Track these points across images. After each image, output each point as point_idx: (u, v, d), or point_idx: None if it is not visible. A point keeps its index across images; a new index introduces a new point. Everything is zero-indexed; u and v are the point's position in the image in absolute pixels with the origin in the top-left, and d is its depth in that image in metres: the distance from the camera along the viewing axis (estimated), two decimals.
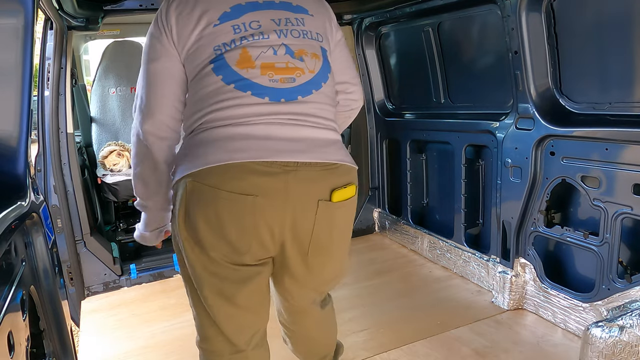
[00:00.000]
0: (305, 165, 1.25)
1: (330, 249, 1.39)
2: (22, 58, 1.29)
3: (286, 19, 1.35)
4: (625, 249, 2.13)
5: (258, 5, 1.34)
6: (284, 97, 1.28)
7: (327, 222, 1.32)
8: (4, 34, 1.29)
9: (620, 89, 2.08)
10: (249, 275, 1.34)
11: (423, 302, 2.73)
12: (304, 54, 1.34)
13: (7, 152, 1.32)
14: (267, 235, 1.27)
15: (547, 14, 2.23)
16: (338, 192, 1.30)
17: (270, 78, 1.28)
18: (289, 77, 1.30)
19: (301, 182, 1.24)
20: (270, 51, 1.30)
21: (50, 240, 1.52)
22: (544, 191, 2.40)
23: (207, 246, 1.27)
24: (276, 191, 1.23)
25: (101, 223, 3.42)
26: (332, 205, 1.31)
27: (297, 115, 1.29)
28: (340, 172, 1.33)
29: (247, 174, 1.21)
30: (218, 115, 1.26)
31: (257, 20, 1.31)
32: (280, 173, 1.22)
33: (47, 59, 2.69)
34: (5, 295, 1.09)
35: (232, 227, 1.24)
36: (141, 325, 2.61)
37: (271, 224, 1.26)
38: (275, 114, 1.27)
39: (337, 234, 1.38)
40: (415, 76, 3.38)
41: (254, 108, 1.26)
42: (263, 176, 1.21)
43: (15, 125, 1.32)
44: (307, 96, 1.32)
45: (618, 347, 1.67)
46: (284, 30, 1.33)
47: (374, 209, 3.91)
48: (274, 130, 1.25)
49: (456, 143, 2.99)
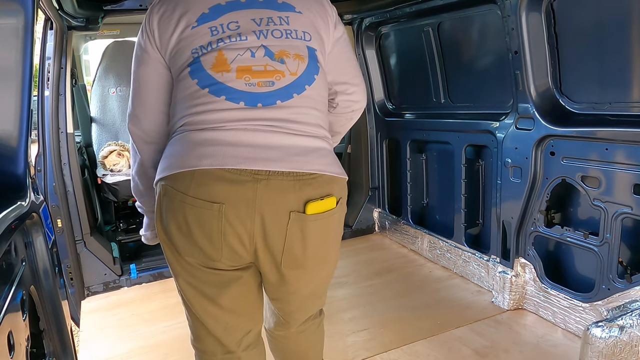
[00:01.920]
0: (277, 174, 1.19)
1: (305, 264, 1.30)
2: (22, 58, 1.29)
3: (268, 18, 1.29)
4: (625, 249, 2.13)
5: (239, 5, 1.29)
6: (260, 102, 1.23)
7: (301, 235, 1.24)
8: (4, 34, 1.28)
9: (620, 89, 2.08)
10: (229, 279, 1.31)
11: (423, 302, 2.73)
12: (285, 56, 1.27)
13: (7, 152, 1.32)
14: (237, 243, 1.23)
15: (547, 14, 2.23)
16: (313, 205, 1.22)
17: (247, 82, 1.23)
18: (268, 80, 1.24)
19: (272, 191, 1.19)
20: (248, 53, 1.25)
21: (50, 240, 1.52)
22: (544, 191, 2.40)
23: (181, 251, 1.27)
24: (244, 200, 1.18)
25: (101, 223, 3.42)
26: (306, 218, 1.23)
27: (274, 121, 1.23)
28: (318, 182, 1.24)
29: (213, 181, 1.17)
30: (193, 120, 1.24)
31: (236, 21, 1.27)
32: (249, 181, 1.17)
33: (47, 59, 2.69)
34: (5, 295, 1.09)
35: (200, 233, 1.22)
36: (141, 325, 2.61)
37: (240, 232, 1.21)
38: (251, 119, 1.21)
39: (312, 249, 1.28)
40: (415, 76, 3.38)
41: (228, 113, 1.22)
42: (231, 184, 1.17)
43: (15, 125, 1.32)
44: (287, 100, 1.25)
45: (618, 347, 1.67)
46: (264, 30, 1.27)
47: (374, 209, 3.91)
48: (246, 136, 1.20)
49: (456, 143, 2.98)
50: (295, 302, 1.45)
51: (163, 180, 1.25)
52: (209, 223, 1.20)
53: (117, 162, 3.28)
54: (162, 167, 1.27)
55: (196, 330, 1.42)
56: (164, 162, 1.27)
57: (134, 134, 1.39)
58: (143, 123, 1.37)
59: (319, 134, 1.30)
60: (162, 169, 1.27)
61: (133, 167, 1.47)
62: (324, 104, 1.37)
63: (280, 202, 1.20)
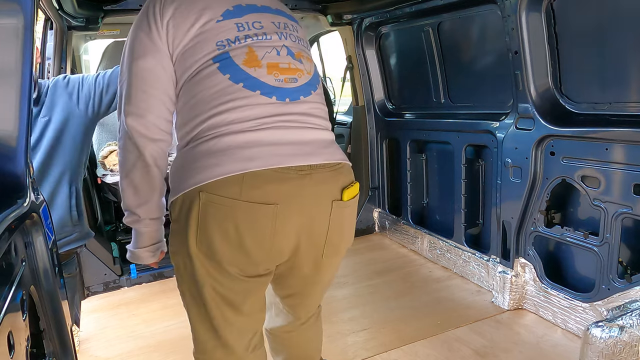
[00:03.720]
0: (317, 167, 1.24)
1: (340, 248, 1.39)
2: (22, 58, 1.29)
3: (284, 23, 1.37)
4: (625, 249, 2.13)
5: (257, 9, 1.34)
6: (289, 97, 1.26)
7: (339, 222, 1.31)
8: (4, 34, 1.28)
9: (620, 89, 2.08)
10: (257, 285, 1.32)
11: (423, 302, 2.73)
12: (302, 57, 1.35)
13: (7, 152, 1.32)
14: (284, 243, 1.24)
15: (547, 14, 2.23)
16: (347, 191, 1.30)
17: (276, 78, 1.26)
18: (292, 77, 1.29)
19: (316, 185, 1.23)
20: (274, 52, 1.29)
21: (50, 240, 1.52)
22: (544, 191, 2.40)
23: (224, 260, 1.22)
24: (294, 197, 1.20)
25: (101, 223, 3.42)
26: (343, 205, 1.30)
27: (300, 115, 1.27)
28: (345, 171, 1.33)
29: (264, 183, 1.17)
30: (226, 118, 1.20)
31: (259, 21, 1.30)
32: (296, 178, 1.20)
33: (47, 59, 2.68)
34: (5, 295, 1.09)
35: (251, 238, 1.19)
36: (141, 325, 2.61)
37: (289, 230, 1.23)
38: (282, 114, 1.24)
39: (347, 232, 1.38)
40: (415, 76, 3.38)
41: (263, 108, 1.22)
42: (281, 183, 1.18)
43: (15, 125, 1.32)
44: (308, 97, 1.31)
45: (618, 347, 1.67)
46: (284, 33, 1.34)
47: (374, 209, 3.91)
48: (282, 134, 1.22)
49: (456, 143, 2.98)
50: (315, 293, 1.50)
51: (201, 189, 1.17)
52: (262, 225, 1.19)
53: (117, 162, 3.27)
54: (196, 176, 1.19)
55: (204, 344, 1.37)
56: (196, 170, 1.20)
57: (135, 131, 1.26)
58: (148, 117, 1.26)
59: (329, 127, 1.39)
60: (196, 179, 1.19)
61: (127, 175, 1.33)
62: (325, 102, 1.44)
63: (324, 193, 1.25)
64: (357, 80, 3.76)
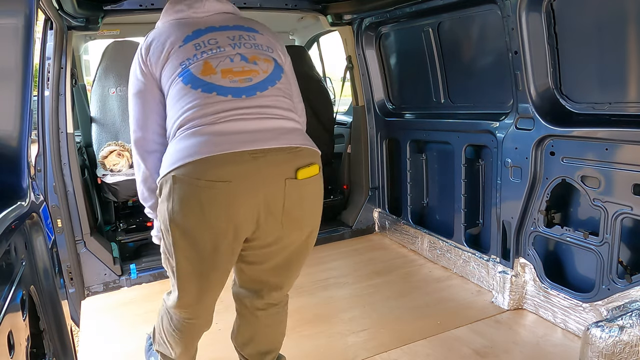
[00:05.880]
0: (271, 151, 1.47)
1: (302, 223, 1.61)
2: (22, 58, 1.29)
3: (239, 35, 1.64)
4: (625, 249, 2.13)
5: (215, 29, 1.63)
6: (244, 94, 1.53)
7: (297, 198, 1.53)
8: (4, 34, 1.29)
9: (620, 89, 2.08)
10: (225, 257, 1.56)
11: (423, 302, 2.73)
12: (257, 59, 1.60)
13: (7, 152, 1.32)
14: (242, 215, 1.47)
15: (547, 14, 2.23)
16: (302, 171, 1.52)
17: (231, 80, 1.53)
18: (246, 77, 1.55)
19: (269, 165, 1.46)
20: (228, 60, 1.56)
21: (50, 240, 1.52)
22: (544, 191, 2.40)
23: (191, 232, 1.48)
24: (248, 176, 1.44)
25: (101, 223, 3.42)
26: (298, 182, 1.52)
27: (258, 107, 1.53)
28: (304, 153, 1.54)
29: (221, 165, 1.42)
30: (191, 116, 1.49)
31: (215, 39, 1.59)
32: (250, 160, 1.44)
33: (47, 59, 2.68)
34: (5, 295, 1.09)
35: (212, 211, 1.44)
36: (141, 325, 2.60)
37: (245, 204, 1.46)
38: (239, 108, 1.50)
39: (308, 208, 1.60)
40: (415, 76, 3.38)
41: (220, 105, 1.49)
42: (236, 165, 1.43)
43: (15, 126, 1.32)
44: (264, 91, 1.56)
45: (618, 347, 1.67)
46: (238, 43, 1.61)
47: (374, 209, 3.91)
48: (237, 125, 1.48)
49: (456, 143, 2.99)
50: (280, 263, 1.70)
51: (174, 171, 1.45)
52: (220, 200, 1.44)
53: (117, 162, 3.27)
54: (171, 161, 1.47)
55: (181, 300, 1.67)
56: (173, 157, 1.48)
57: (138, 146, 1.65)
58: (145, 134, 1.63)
59: (293, 117, 1.62)
60: (171, 162, 1.47)
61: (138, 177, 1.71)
62: (291, 95, 1.69)
63: (276, 172, 1.48)
64: (357, 80, 3.76)
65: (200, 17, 1.66)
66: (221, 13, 1.70)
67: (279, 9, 3.33)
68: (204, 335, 2.26)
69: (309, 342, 2.36)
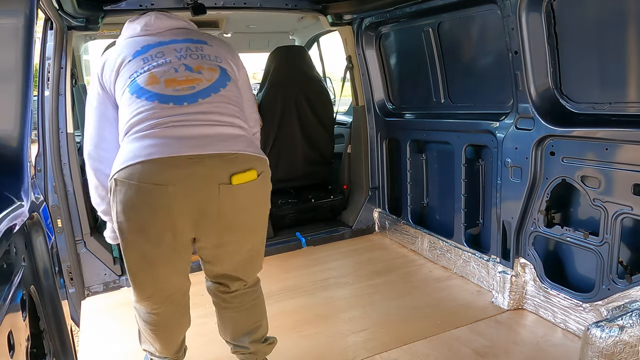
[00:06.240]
0: (207, 156, 1.53)
1: (238, 225, 1.65)
2: (22, 58, 1.29)
3: (187, 47, 1.74)
4: (625, 249, 2.13)
5: (164, 43, 1.74)
6: (186, 101, 1.61)
7: (231, 202, 1.58)
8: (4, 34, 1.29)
9: (620, 89, 2.08)
10: (170, 253, 1.62)
11: (423, 302, 2.73)
12: (202, 68, 1.69)
13: (7, 152, 1.32)
14: (178, 216, 1.54)
15: (547, 14, 2.23)
16: (237, 176, 1.57)
17: (174, 89, 1.62)
18: (189, 86, 1.64)
19: (204, 170, 1.53)
20: (172, 70, 1.66)
21: (50, 240, 1.52)
22: (544, 191, 2.40)
23: (133, 230, 1.56)
24: (184, 180, 1.50)
25: (101, 223, 3.42)
26: (232, 188, 1.57)
27: (198, 114, 1.60)
28: (240, 160, 1.60)
29: (157, 168, 1.49)
30: (135, 121, 1.58)
31: (162, 52, 1.70)
32: (186, 165, 1.51)
33: (47, 59, 2.68)
34: (5, 295, 1.09)
35: (147, 211, 1.52)
36: None
37: (180, 206, 1.52)
38: (180, 114, 1.58)
39: (243, 212, 1.64)
40: (415, 76, 3.38)
41: (161, 112, 1.57)
42: (172, 169, 1.50)
43: (15, 125, 1.32)
44: (207, 98, 1.64)
45: (618, 347, 1.67)
46: (184, 54, 1.71)
47: (374, 209, 3.91)
48: (175, 131, 1.55)
49: (456, 143, 2.98)
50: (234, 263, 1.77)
51: (116, 174, 1.54)
52: (156, 202, 1.51)
53: None
54: (115, 166, 1.57)
55: (136, 294, 1.75)
56: (117, 161, 1.57)
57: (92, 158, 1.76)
58: (99, 147, 1.74)
59: (236, 124, 1.67)
60: (114, 167, 1.56)
61: (91, 185, 1.80)
62: (238, 102, 1.75)
63: (210, 177, 1.54)
64: (357, 80, 3.76)
65: (152, 33, 1.79)
66: (173, 29, 1.82)
67: (279, 9, 3.33)
68: (202, 336, 2.27)
69: (308, 342, 2.36)
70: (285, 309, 2.68)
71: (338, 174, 4.22)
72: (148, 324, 1.84)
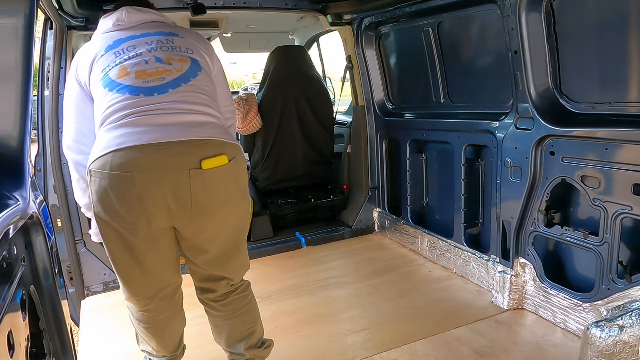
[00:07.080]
0: (175, 143, 1.55)
1: (213, 210, 1.64)
2: (23, 58, 1.29)
3: (158, 40, 1.77)
4: (625, 249, 2.13)
5: (135, 37, 1.77)
6: (157, 92, 1.63)
7: (202, 187, 1.59)
8: (4, 34, 1.29)
9: (620, 89, 2.08)
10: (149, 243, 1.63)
11: (423, 302, 2.73)
12: (172, 60, 1.72)
13: (7, 152, 1.33)
14: (151, 204, 1.55)
15: (547, 14, 2.23)
16: (207, 161, 1.58)
17: (144, 80, 1.65)
18: (160, 77, 1.66)
19: (172, 157, 1.54)
20: (143, 62, 1.69)
21: (50, 240, 1.53)
22: (544, 191, 2.40)
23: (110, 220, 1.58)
24: (153, 167, 1.53)
25: None
26: (203, 173, 1.58)
27: (168, 103, 1.62)
28: (211, 146, 1.61)
29: (126, 157, 1.52)
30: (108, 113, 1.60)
31: (133, 45, 1.74)
32: (154, 152, 1.53)
33: (47, 59, 2.68)
34: (5, 295, 1.09)
35: (121, 201, 1.54)
36: None
37: (152, 193, 1.54)
38: (150, 104, 1.60)
39: (217, 196, 1.64)
40: (415, 76, 3.38)
41: (131, 103, 1.60)
42: (140, 157, 1.52)
43: (15, 125, 1.32)
44: (177, 88, 1.66)
45: (618, 347, 1.67)
46: (155, 47, 1.74)
47: (374, 209, 3.91)
48: (145, 120, 1.58)
49: (456, 143, 2.98)
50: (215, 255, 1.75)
51: (91, 165, 1.57)
52: (127, 190, 1.53)
53: None
54: (90, 158, 1.60)
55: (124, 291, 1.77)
56: (91, 155, 1.60)
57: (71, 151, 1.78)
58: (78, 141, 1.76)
59: (207, 112, 1.70)
60: (89, 160, 1.60)
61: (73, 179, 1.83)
62: (209, 92, 1.77)
63: (179, 163, 1.55)
64: (357, 80, 3.76)
65: (124, 28, 1.82)
66: (146, 23, 1.85)
67: (279, 9, 3.33)
68: (202, 336, 2.27)
69: (308, 342, 2.36)
70: (285, 309, 2.68)
71: (338, 174, 4.22)
72: (141, 322, 1.85)
